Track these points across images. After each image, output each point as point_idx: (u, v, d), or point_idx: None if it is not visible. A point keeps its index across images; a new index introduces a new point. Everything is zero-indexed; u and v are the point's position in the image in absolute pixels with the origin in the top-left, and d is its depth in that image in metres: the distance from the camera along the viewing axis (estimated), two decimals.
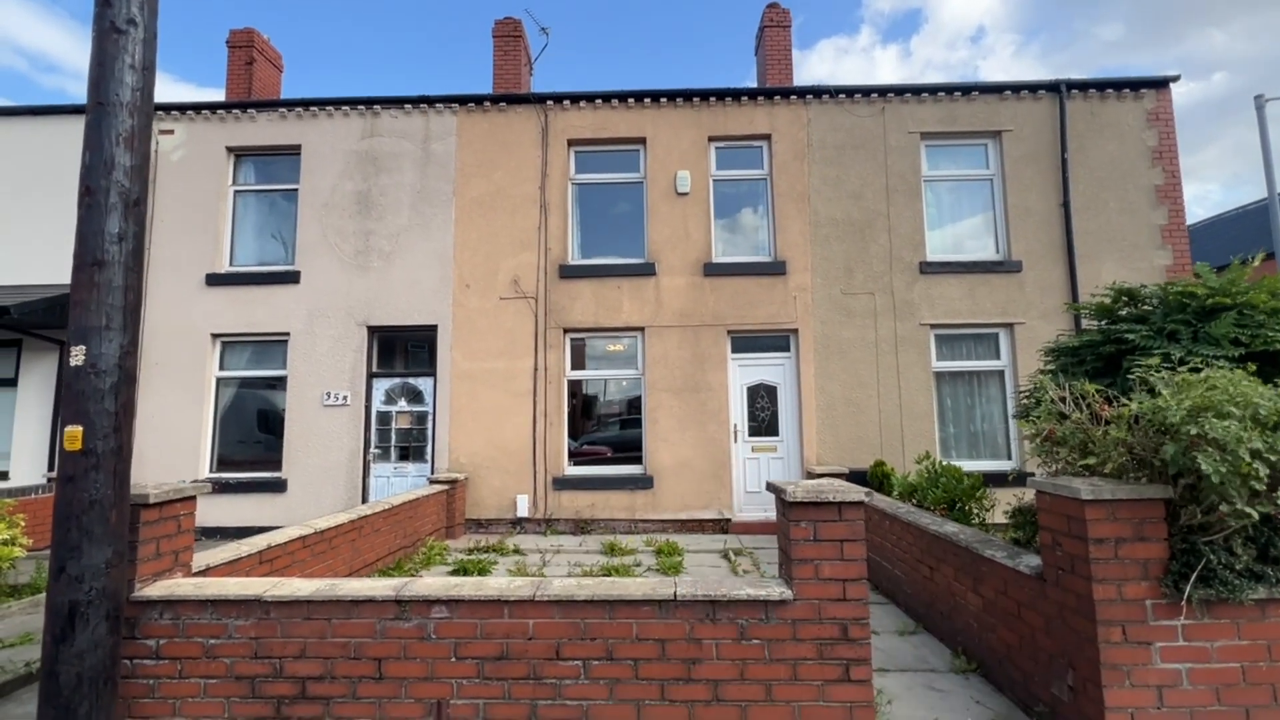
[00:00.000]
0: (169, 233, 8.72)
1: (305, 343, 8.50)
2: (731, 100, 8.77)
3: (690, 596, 2.86)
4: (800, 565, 2.85)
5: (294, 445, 8.33)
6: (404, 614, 2.92)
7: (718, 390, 8.31)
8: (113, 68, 2.89)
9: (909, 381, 8.28)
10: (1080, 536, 2.81)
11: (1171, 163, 8.42)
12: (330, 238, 8.67)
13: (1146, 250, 8.33)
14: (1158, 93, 8.56)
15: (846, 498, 2.84)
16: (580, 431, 8.76)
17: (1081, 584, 2.80)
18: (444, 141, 8.80)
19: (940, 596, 4.26)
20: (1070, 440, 3.23)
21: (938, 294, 8.42)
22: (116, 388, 2.79)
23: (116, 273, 2.83)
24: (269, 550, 4.18)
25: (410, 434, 8.58)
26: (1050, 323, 8.17)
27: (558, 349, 8.45)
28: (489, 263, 8.59)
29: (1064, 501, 2.92)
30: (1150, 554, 2.74)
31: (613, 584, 2.98)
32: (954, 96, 8.67)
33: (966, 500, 5.20)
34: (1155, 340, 3.72)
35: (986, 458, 8.27)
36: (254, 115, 8.93)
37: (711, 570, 6.21)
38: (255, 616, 2.97)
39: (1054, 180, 8.52)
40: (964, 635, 3.91)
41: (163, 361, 8.47)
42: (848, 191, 8.62)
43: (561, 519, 8.14)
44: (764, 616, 2.84)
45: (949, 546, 4.12)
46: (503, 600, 2.90)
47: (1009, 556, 3.44)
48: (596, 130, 8.82)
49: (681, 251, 8.55)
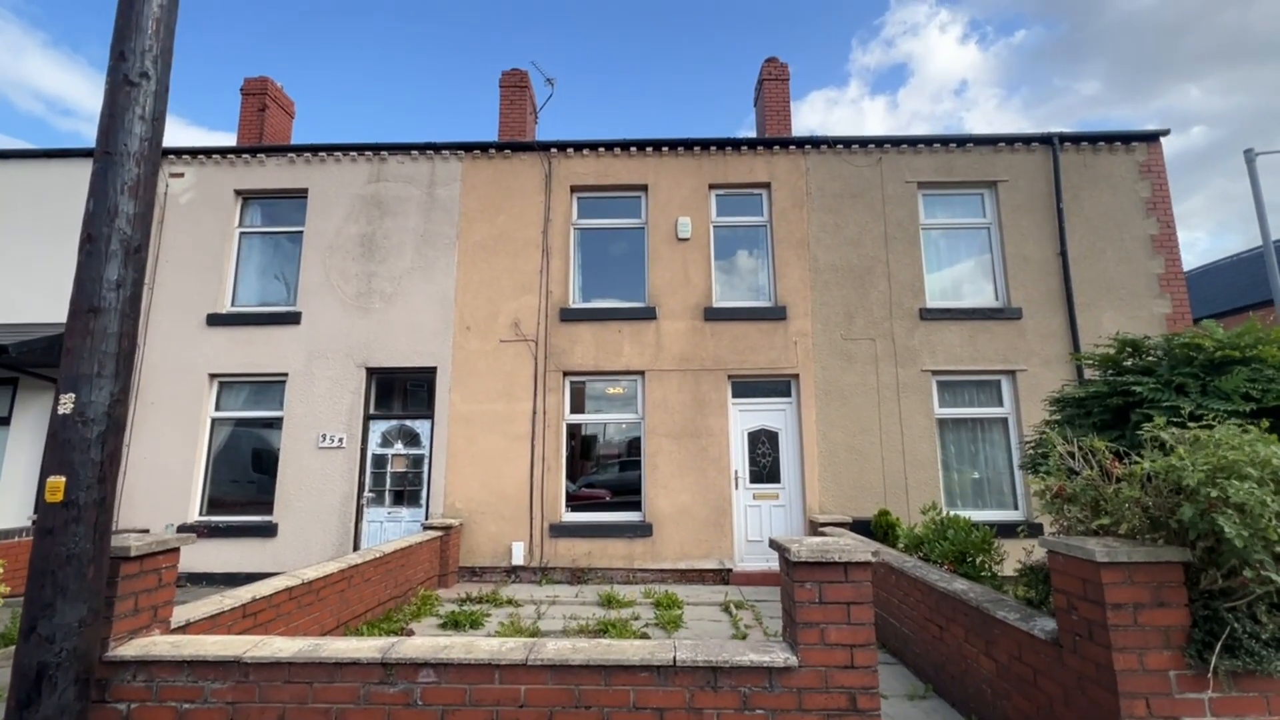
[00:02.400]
0: (173, 272, 8.78)
1: (303, 384, 8.44)
2: (731, 149, 8.96)
3: (690, 662, 2.72)
4: (805, 629, 2.72)
5: (287, 488, 8.18)
6: (389, 678, 2.78)
7: (718, 435, 8.21)
8: (123, 119, 2.93)
9: (912, 428, 8.18)
10: (1097, 601, 2.69)
11: (1165, 213, 8.54)
12: (333, 279, 8.72)
13: (1145, 299, 8.36)
14: (1148, 146, 8.75)
15: (853, 558, 2.74)
16: (578, 474, 8.61)
17: (1101, 652, 2.67)
18: (449, 187, 8.95)
19: (951, 658, 4.08)
20: (1081, 498, 3.14)
21: (938, 340, 8.41)
22: (104, 437, 2.72)
23: (112, 320, 2.80)
24: (253, 603, 4.03)
25: (406, 477, 8.43)
26: (1052, 370, 8.14)
27: (557, 392, 8.38)
28: (490, 305, 8.61)
29: (1078, 563, 2.81)
30: (1171, 621, 2.62)
31: (609, 647, 2.85)
32: (950, 148, 8.86)
33: (977, 553, 5.05)
34: (1163, 393, 3.66)
35: (993, 507, 8.10)
36: (263, 160, 9.11)
37: (712, 625, 5.99)
38: (233, 679, 2.82)
39: (1050, 229, 8.62)
40: (977, 701, 3.73)
41: (158, 401, 8.39)
42: (847, 238, 8.71)
43: (558, 567, 7.91)
44: (768, 685, 2.70)
45: (959, 605, 3.97)
46: (494, 664, 2.76)
47: (1022, 619, 3.30)
48: (599, 177, 8.98)
49: (682, 296, 8.59)
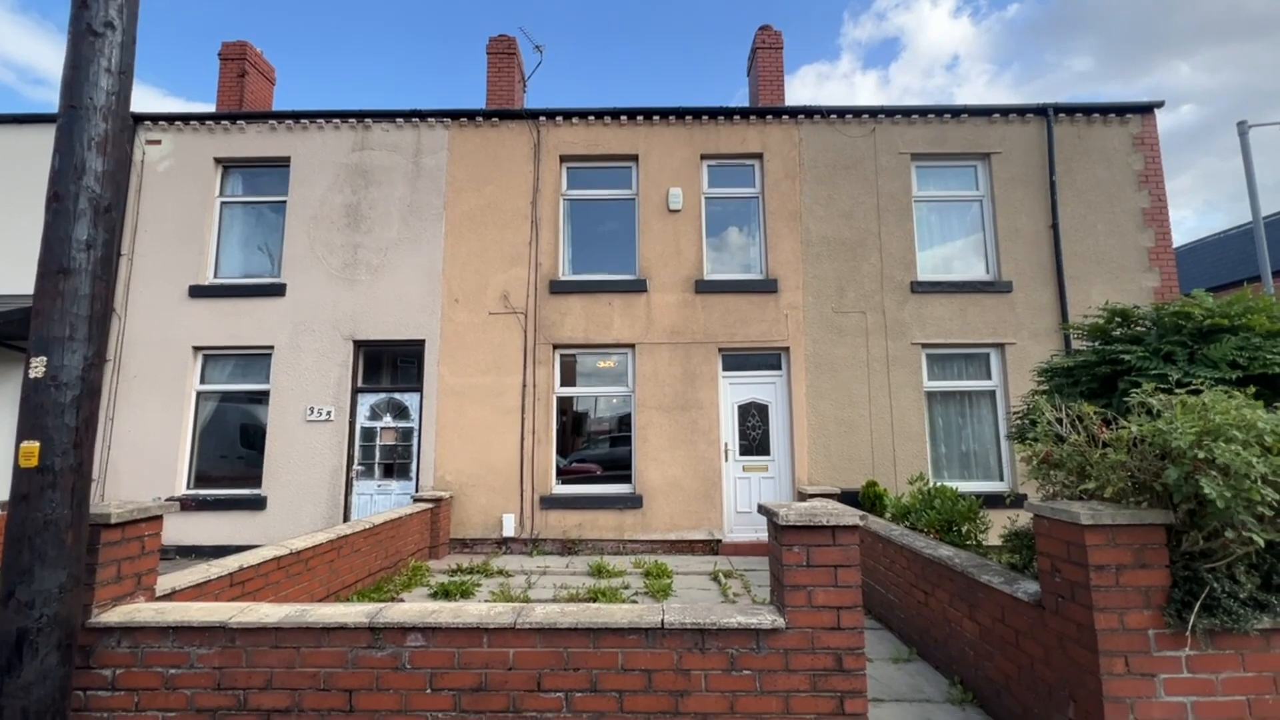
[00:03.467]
0: (153, 243, 8.57)
1: (289, 356, 8.33)
2: (724, 119, 8.81)
3: (678, 624, 2.74)
4: (793, 592, 2.74)
5: (275, 461, 8.12)
6: (377, 642, 2.78)
7: (708, 408, 8.22)
8: (87, 71, 2.80)
9: (901, 401, 8.22)
10: (1080, 563, 2.72)
11: (1157, 186, 8.52)
12: (318, 250, 8.55)
13: (1134, 272, 8.39)
14: (1142, 118, 8.69)
15: (840, 521, 2.74)
16: (569, 449, 8.61)
17: (1082, 613, 2.71)
18: (435, 156, 8.75)
19: (936, 622, 4.14)
20: (1068, 463, 3.16)
21: (929, 314, 8.41)
22: (78, 401, 2.65)
23: (83, 281, 2.71)
24: (240, 572, 4.01)
25: (395, 450, 8.39)
26: (1041, 343, 8.18)
27: (547, 365, 8.33)
28: (478, 277, 8.49)
29: (1063, 526, 2.84)
30: (1152, 581, 2.66)
31: (597, 610, 2.86)
32: (944, 118, 8.75)
33: (963, 522, 5.11)
34: (1151, 361, 3.68)
35: (979, 478, 8.20)
36: (243, 127, 8.85)
37: (701, 594, 6.06)
38: (219, 644, 2.81)
39: (1043, 202, 8.59)
40: (960, 663, 3.80)
41: (142, 374, 8.26)
42: (839, 211, 8.64)
43: (548, 539, 7.96)
44: (755, 646, 2.72)
45: (944, 570, 4.02)
46: (482, 628, 2.76)
47: (1006, 582, 3.34)
48: (589, 146, 8.81)
49: (673, 268, 8.51)
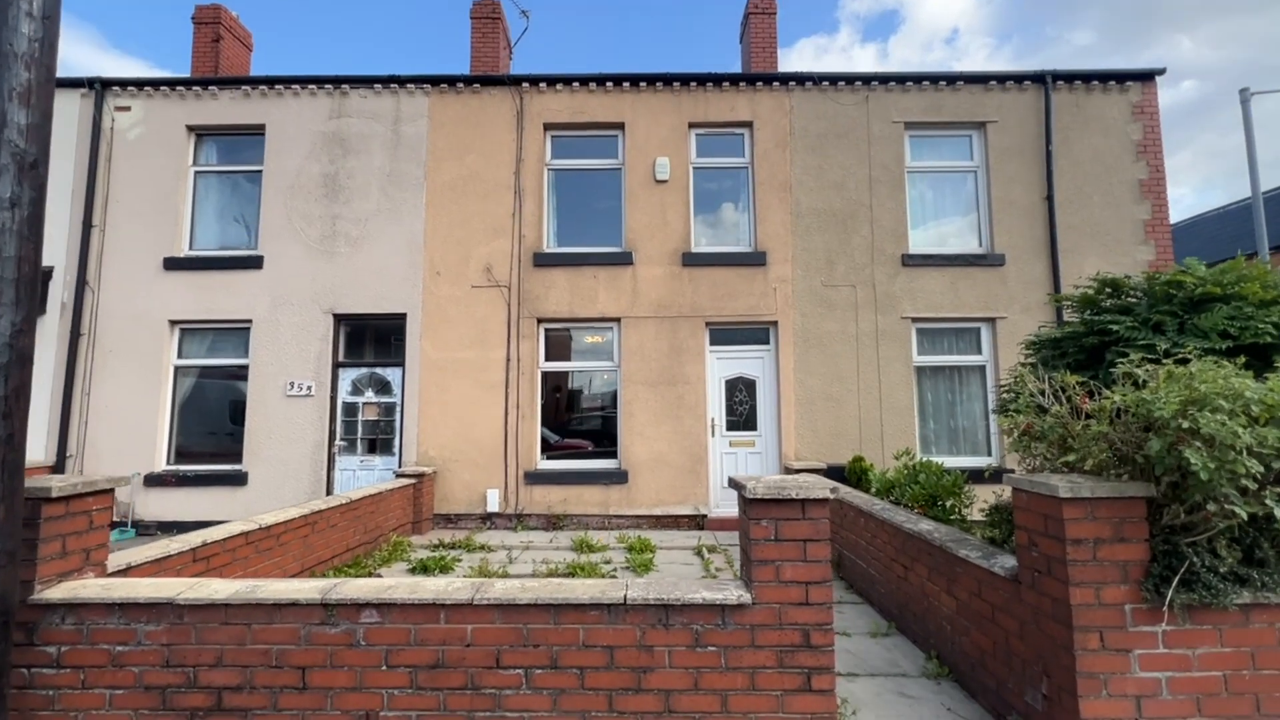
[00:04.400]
0: (125, 214, 8.33)
1: (268, 330, 8.16)
2: (713, 85, 8.53)
3: (641, 600, 2.65)
4: (760, 567, 2.65)
5: (255, 437, 8.01)
6: (331, 619, 2.68)
7: (695, 383, 8.11)
8: (6, 15, 2.60)
9: (889, 376, 8.12)
10: (1058, 537, 2.63)
11: (1156, 157, 8.32)
12: (295, 222, 8.33)
13: (1129, 245, 8.23)
14: (1143, 86, 8.45)
15: (810, 494, 2.64)
16: (554, 424, 8.52)
17: (1058, 587, 2.63)
18: (415, 123, 8.48)
19: (914, 597, 4.09)
20: (1049, 435, 3.05)
21: (919, 287, 8.26)
22: (6, 370, 2.51)
23: (8, 242, 2.54)
24: (205, 547, 3.92)
25: (378, 426, 8.29)
26: (1032, 317, 8.05)
27: (531, 339, 8.19)
28: (461, 249, 8.30)
29: (1041, 499, 2.74)
30: (1130, 555, 2.57)
31: (559, 586, 2.77)
32: (939, 86, 8.49)
33: (947, 497, 5.04)
34: (1140, 332, 3.56)
35: (967, 454, 8.14)
36: (216, 93, 8.54)
37: (684, 568, 6.02)
38: (168, 621, 2.71)
39: (1038, 173, 8.39)
40: (937, 638, 3.75)
41: (117, 349, 8.09)
42: (830, 181, 8.43)
43: (533, 514, 7.91)
44: (720, 622, 2.64)
45: (923, 545, 3.95)
46: (439, 604, 2.67)
47: (983, 557, 3.26)
48: (574, 114, 8.54)
49: (660, 240, 8.32)
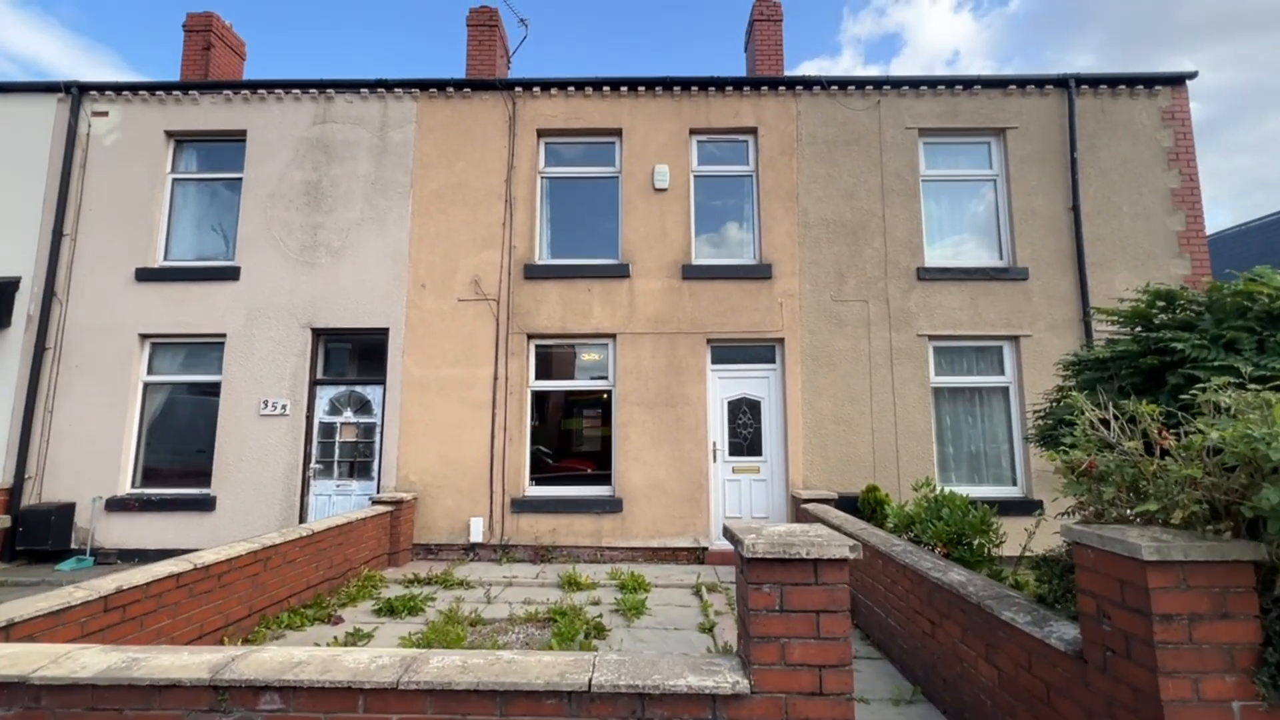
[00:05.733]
0: (98, 223, 7.94)
1: (243, 345, 7.70)
2: (715, 90, 8.11)
3: (610, 687, 2.09)
4: (761, 645, 2.09)
5: (225, 459, 7.51)
6: (221, 704, 2.14)
7: (695, 404, 7.55)
8: None
9: (905, 398, 7.55)
10: (1140, 610, 2.07)
11: (1189, 165, 7.79)
12: (275, 231, 7.91)
13: (1162, 259, 7.67)
14: (1173, 90, 7.95)
15: (825, 554, 2.09)
16: (543, 447, 7.97)
17: (1142, 675, 2.06)
18: (402, 129, 8.08)
19: (944, 659, 3.49)
20: (1116, 476, 2.50)
21: (936, 303, 7.72)
22: None
23: None
24: (119, 595, 3.38)
25: (356, 448, 7.76)
26: (1059, 335, 7.49)
27: (520, 356, 7.68)
28: (447, 261, 7.84)
29: (1115, 560, 2.18)
30: (1237, 637, 2.00)
31: (508, 665, 2.21)
32: (955, 90, 8.03)
33: (974, 535, 4.44)
34: (1210, 350, 3.02)
35: (989, 483, 7.52)
36: (196, 97, 8.19)
37: (679, 610, 5.42)
38: (21, 705, 2.18)
39: (1062, 182, 7.87)
40: (974, 713, 3.15)
41: (83, 364, 7.64)
42: (840, 190, 7.94)
43: (520, 545, 7.33)
44: (711, 717, 2.08)
45: (954, 599, 3.37)
46: (355, 688, 2.13)
47: (1034, 623, 2.68)
48: (569, 120, 8.13)
49: (658, 252, 7.83)
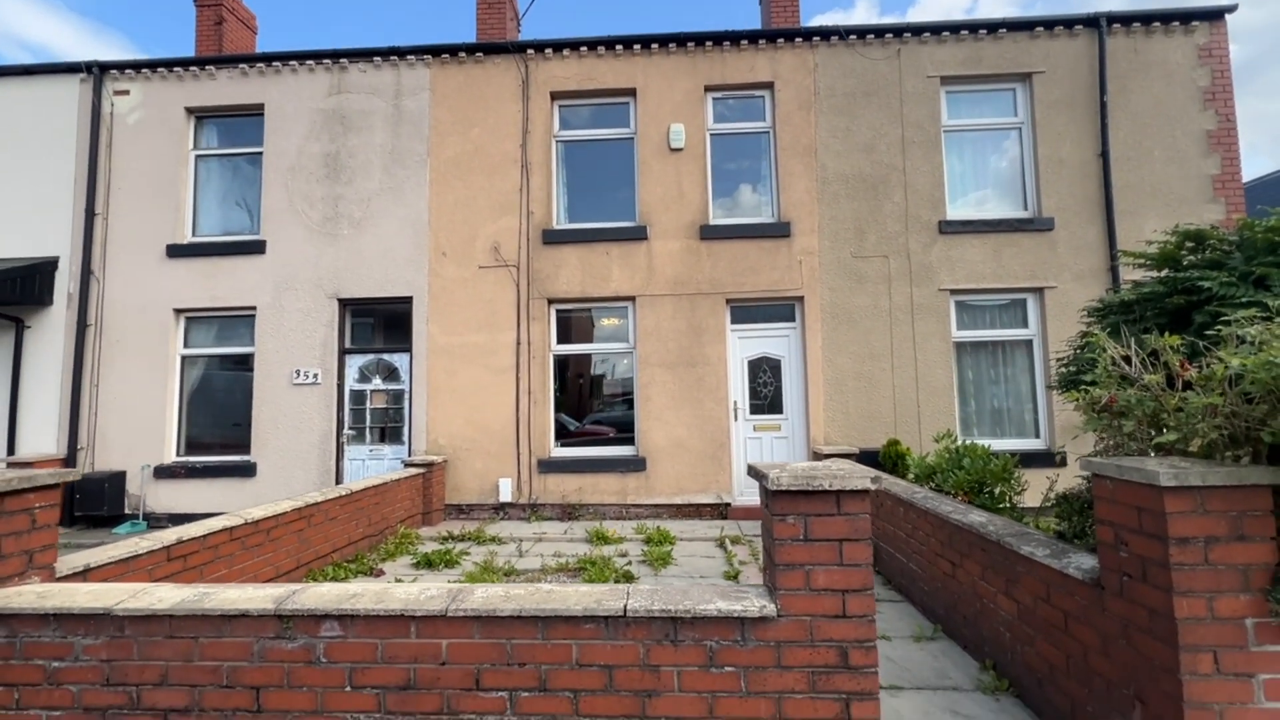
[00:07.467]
0: (128, 202, 8.14)
1: (272, 317, 7.92)
2: (730, 45, 7.94)
3: (644, 612, 2.23)
4: (786, 572, 2.20)
5: (263, 427, 7.80)
6: (287, 632, 2.33)
7: (716, 364, 7.62)
8: None
9: (926, 353, 7.53)
10: (1156, 535, 2.13)
11: (1226, 105, 7.49)
12: (297, 204, 8.04)
13: (1195, 204, 7.44)
14: (1211, 25, 7.60)
15: (847, 485, 2.18)
16: (571, 410, 8.14)
17: (1157, 596, 2.13)
18: (417, 97, 8.08)
19: (964, 597, 3.60)
20: (1137, 410, 2.53)
21: (958, 256, 7.62)
22: None
23: None
24: (180, 545, 3.62)
25: (387, 414, 8.01)
26: (1085, 286, 7.36)
27: (542, 321, 7.79)
28: (467, 228, 7.92)
29: (1133, 489, 2.23)
30: (1253, 558, 2.05)
31: (548, 594, 2.36)
32: (979, 35, 7.77)
33: (996, 483, 4.50)
34: (1239, 288, 2.99)
35: (1013, 435, 7.52)
36: (213, 73, 8.26)
37: (704, 561, 5.59)
38: (107, 634, 2.38)
39: (1091, 128, 7.63)
40: (993, 645, 3.26)
41: (123, 339, 7.94)
42: (859, 144, 7.80)
43: (548, 504, 7.56)
44: (740, 638, 2.21)
45: (974, 538, 3.45)
46: (408, 615, 2.29)
47: (1053, 555, 2.76)
48: (582, 81, 8.05)
49: (675, 213, 7.81)
